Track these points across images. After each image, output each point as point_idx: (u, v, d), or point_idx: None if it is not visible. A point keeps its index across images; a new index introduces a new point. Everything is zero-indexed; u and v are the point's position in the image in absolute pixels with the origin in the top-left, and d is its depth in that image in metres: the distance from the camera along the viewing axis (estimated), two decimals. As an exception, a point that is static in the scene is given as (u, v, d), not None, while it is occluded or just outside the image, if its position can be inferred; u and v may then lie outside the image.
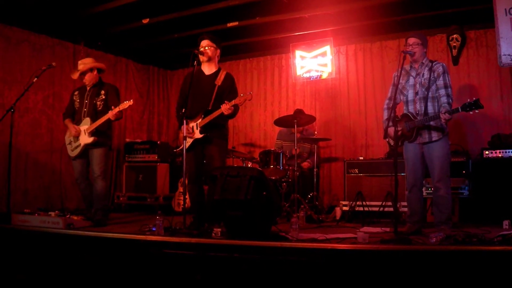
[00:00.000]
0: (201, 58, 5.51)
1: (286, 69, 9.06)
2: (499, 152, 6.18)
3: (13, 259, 5.08)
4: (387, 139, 5.42)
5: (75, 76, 6.28)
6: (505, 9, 6.24)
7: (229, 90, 5.58)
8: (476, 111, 4.70)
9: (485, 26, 7.22)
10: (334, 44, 8.34)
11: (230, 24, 7.89)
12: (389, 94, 5.51)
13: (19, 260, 5.04)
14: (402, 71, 5.25)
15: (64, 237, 5.08)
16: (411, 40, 5.23)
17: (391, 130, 5.11)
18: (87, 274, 4.67)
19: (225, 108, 5.25)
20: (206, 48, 5.54)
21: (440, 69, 5.13)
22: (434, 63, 5.20)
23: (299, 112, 7.59)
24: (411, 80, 5.26)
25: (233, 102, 5.29)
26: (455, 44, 7.40)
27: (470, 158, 6.44)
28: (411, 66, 5.33)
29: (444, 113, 4.79)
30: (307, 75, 8.63)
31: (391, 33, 8.02)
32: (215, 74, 5.62)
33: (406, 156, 5.37)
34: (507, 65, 6.41)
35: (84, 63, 6.27)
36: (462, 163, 6.33)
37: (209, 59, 5.59)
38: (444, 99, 5.03)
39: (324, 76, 8.48)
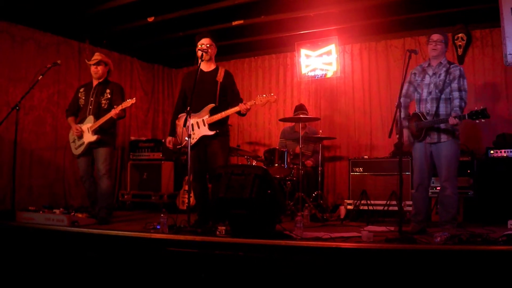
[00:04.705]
0: (205, 56, 5.52)
1: (291, 67, 9.06)
2: (504, 152, 6.17)
3: (18, 256, 5.09)
4: (397, 135, 5.44)
5: (92, 61, 6.21)
6: (511, 8, 6.22)
7: (231, 88, 5.68)
8: (482, 120, 4.72)
9: (490, 25, 7.20)
10: (339, 43, 8.33)
11: (235, 23, 7.88)
12: (404, 91, 5.45)
13: (23, 257, 5.05)
14: (419, 68, 5.34)
15: (69, 234, 5.09)
16: (436, 37, 5.21)
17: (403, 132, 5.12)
18: (91, 271, 4.68)
19: (243, 108, 5.38)
20: (208, 45, 5.57)
21: (457, 73, 5.11)
22: (452, 66, 5.18)
23: (301, 108, 7.61)
24: (427, 79, 5.25)
25: (252, 102, 5.43)
26: (460, 43, 7.38)
27: (475, 158, 6.42)
28: (428, 64, 5.31)
29: (454, 117, 4.81)
30: (312, 73, 8.62)
31: (396, 32, 8.00)
32: (215, 71, 5.67)
33: (414, 155, 5.38)
34: (513, 64, 6.40)
35: (103, 56, 6.30)
36: (467, 162, 6.31)
37: (210, 58, 5.64)
38: (456, 102, 5.02)
39: (329, 74, 8.47)
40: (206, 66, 5.63)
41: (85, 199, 7.04)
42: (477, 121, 4.74)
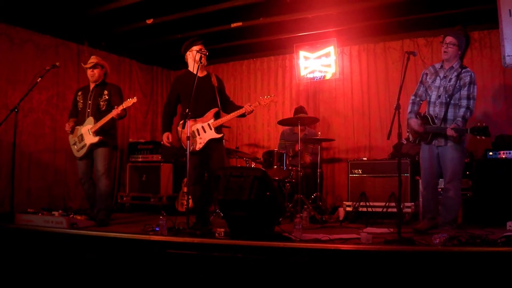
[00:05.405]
0: (204, 60, 5.53)
1: (289, 69, 9.06)
2: (503, 153, 6.17)
3: (17, 258, 5.09)
4: (407, 132, 5.49)
5: (88, 65, 6.20)
6: (509, 10, 6.22)
7: (225, 92, 5.88)
8: (483, 137, 4.76)
9: (489, 27, 7.21)
10: (337, 45, 8.33)
11: (234, 25, 7.89)
12: (416, 90, 5.49)
13: (22, 260, 5.05)
14: (431, 69, 5.34)
15: (68, 236, 5.09)
16: (448, 39, 5.16)
17: (412, 121, 5.27)
18: (90, 273, 4.68)
19: (248, 109, 5.54)
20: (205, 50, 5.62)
21: (467, 79, 5.09)
22: (463, 70, 5.15)
23: (301, 110, 7.61)
24: (437, 81, 5.25)
25: (256, 103, 5.60)
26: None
27: (474, 159, 6.42)
28: (441, 66, 5.29)
29: (452, 129, 4.87)
30: (311, 75, 8.62)
31: (394, 34, 8.02)
32: (208, 76, 5.75)
33: (422, 155, 5.42)
34: (511, 66, 6.39)
35: (98, 59, 6.29)
36: (466, 164, 6.27)
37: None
38: (461, 112, 5.05)
39: (328, 76, 8.46)
40: (199, 71, 5.61)
41: (84, 201, 7.03)
42: (477, 137, 4.78)
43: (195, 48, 5.60)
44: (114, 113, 5.90)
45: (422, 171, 5.44)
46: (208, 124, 5.52)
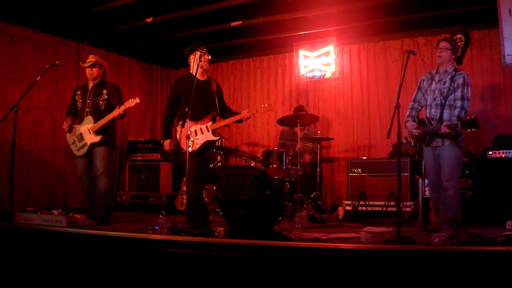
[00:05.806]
0: (203, 61, 5.57)
1: (289, 68, 9.05)
2: (503, 153, 6.18)
3: (16, 257, 5.09)
4: (408, 137, 5.62)
5: (87, 64, 6.20)
6: (509, 9, 6.23)
7: (223, 99, 5.98)
8: (473, 129, 4.85)
9: (488, 26, 7.20)
10: (337, 44, 8.33)
11: (233, 24, 7.88)
12: (414, 96, 5.67)
13: (22, 258, 5.04)
14: (428, 75, 5.54)
15: (67, 235, 5.08)
16: (442, 44, 5.39)
17: (409, 124, 5.45)
18: (89, 272, 4.68)
19: (246, 116, 5.67)
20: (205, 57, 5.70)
21: (461, 81, 5.21)
22: (456, 73, 5.29)
23: (300, 109, 7.60)
24: (433, 85, 5.40)
25: (254, 110, 5.74)
26: (458, 44, 7.36)
27: (473, 158, 6.43)
28: (436, 71, 5.46)
29: (445, 125, 5.02)
30: (311, 74, 8.62)
31: (394, 33, 8.01)
32: (209, 81, 5.83)
33: (425, 158, 5.59)
34: (511, 65, 6.40)
35: (97, 57, 6.29)
36: (465, 163, 6.28)
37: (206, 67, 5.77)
38: (456, 111, 5.15)
39: (328, 75, 8.47)
40: (200, 75, 5.68)
41: (84, 200, 7.02)
42: (468, 130, 4.86)
43: (199, 52, 5.61)
44: (116, 113, 5.90)
45: (428, 173, 5.64)
46: (206, 127, 5.62)
